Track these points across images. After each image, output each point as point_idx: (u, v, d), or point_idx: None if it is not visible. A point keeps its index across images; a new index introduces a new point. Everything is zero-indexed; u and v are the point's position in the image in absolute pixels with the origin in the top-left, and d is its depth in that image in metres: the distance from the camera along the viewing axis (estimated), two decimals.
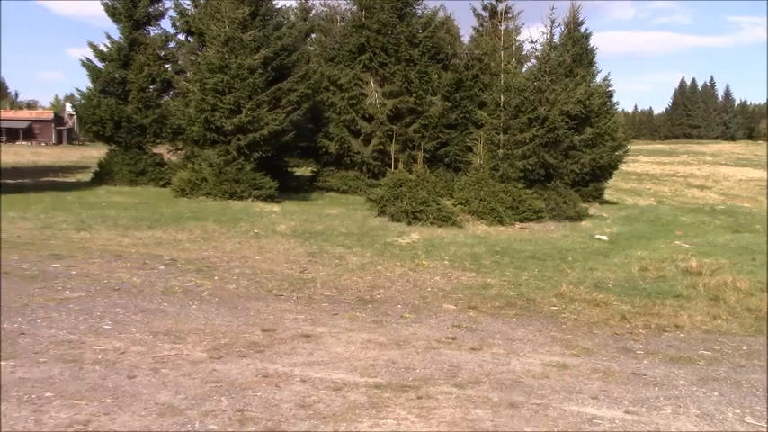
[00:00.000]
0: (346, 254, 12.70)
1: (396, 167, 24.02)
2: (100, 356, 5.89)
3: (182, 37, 27.24)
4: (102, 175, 26.25)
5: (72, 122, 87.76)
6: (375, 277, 10.74)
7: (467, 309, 8.86)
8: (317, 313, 8.13)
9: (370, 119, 26.99)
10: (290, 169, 28.37)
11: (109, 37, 27.06)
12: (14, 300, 7.67)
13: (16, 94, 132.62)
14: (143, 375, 5.46)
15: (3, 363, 5.52)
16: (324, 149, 27.65)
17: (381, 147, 26.82)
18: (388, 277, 10.79)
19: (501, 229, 19.22)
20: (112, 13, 27.08)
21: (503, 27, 28.13)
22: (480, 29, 31.97)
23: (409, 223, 17.60)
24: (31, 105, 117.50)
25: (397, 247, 13.88)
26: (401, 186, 18.89)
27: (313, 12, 41.59)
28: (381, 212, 19.08)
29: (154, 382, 5.30)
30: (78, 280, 8.96)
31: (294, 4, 41.92)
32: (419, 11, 29.36)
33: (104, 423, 4.44)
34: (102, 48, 26.92)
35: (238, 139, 21.52)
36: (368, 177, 27.07)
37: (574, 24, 29.49)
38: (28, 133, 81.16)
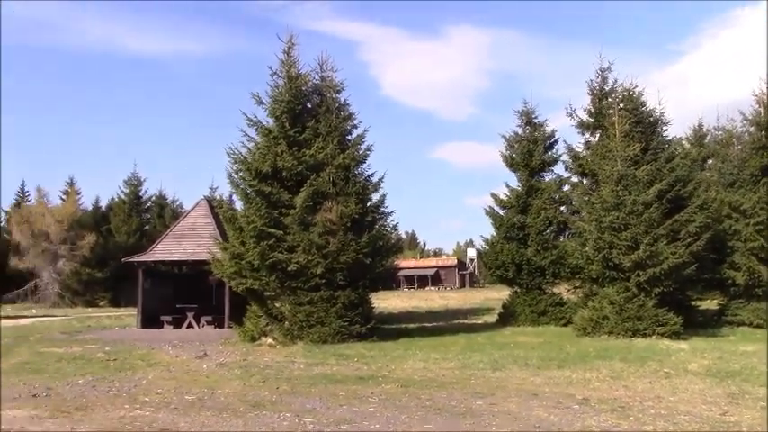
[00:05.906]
0: None
1: None
2: None
3: (575, 179, 28.29)
4: (507, 316, 27.83)
5: (472, 267, 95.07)
6: None
7: None
8: None
9: None
10: (693, 303, 26.84)
11: (508, 186, 29.40)
12: None
13: (424, 244, 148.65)
14: None
15: None
16: (730, 281, 25.76)
17: None
18: None
19: None
20: (510, 163, 29.50)
21: None
22: None
23: None
24: (437, 253, 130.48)
25: None
26: None
27: (708, 137, 40.19)
28: None
29: None
30: (501, 417, 9.67)
31: (688, 133, 41.04)
32: None
33: None
34: (502, 196, 29.30)
35: (638, 275, 21.24)
36: None
37: None
38: (435, 279, 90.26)
